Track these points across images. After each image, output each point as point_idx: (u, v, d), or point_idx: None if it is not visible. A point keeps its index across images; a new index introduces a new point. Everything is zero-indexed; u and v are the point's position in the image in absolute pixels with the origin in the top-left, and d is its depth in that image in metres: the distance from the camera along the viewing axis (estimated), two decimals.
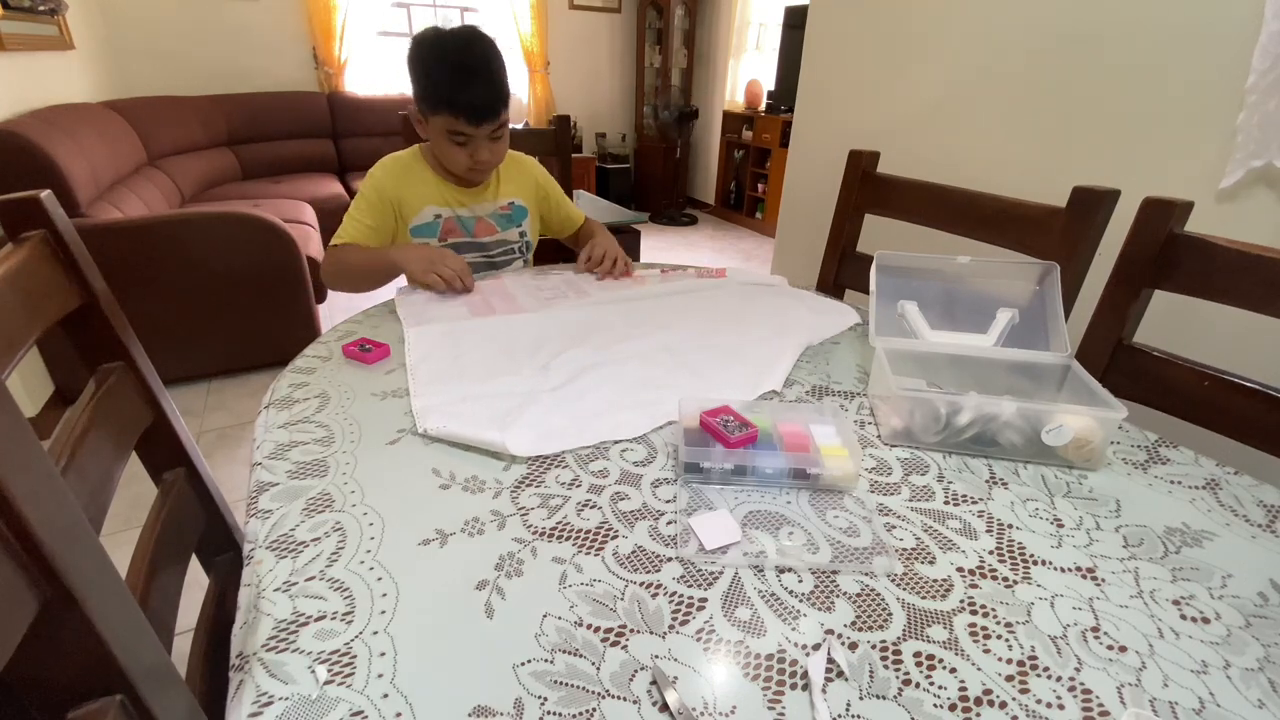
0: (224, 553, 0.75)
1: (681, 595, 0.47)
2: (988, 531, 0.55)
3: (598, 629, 0.44)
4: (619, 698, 0.39)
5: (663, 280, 1.12)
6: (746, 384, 0.78)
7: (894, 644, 0.43)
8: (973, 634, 0.44)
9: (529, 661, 0.41)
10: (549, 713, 0.38)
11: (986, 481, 0.62)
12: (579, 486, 0.58)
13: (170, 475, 0.68)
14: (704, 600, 0.46)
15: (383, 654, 0.41)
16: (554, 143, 1.44)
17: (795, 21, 3.74)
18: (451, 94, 1.01)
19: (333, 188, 3.38)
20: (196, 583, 0.64)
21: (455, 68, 1.01)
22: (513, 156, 1.24)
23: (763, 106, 4.32)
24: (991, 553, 0.52)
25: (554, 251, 1.46)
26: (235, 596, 0.47)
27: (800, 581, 0.48)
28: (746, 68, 4.57)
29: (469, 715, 0.37)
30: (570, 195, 1.51)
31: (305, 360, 0.80)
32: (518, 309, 0.97)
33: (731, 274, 1.14)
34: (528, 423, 0.66)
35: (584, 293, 1.05)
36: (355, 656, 0.41)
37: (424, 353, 0.82)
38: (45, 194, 0.54)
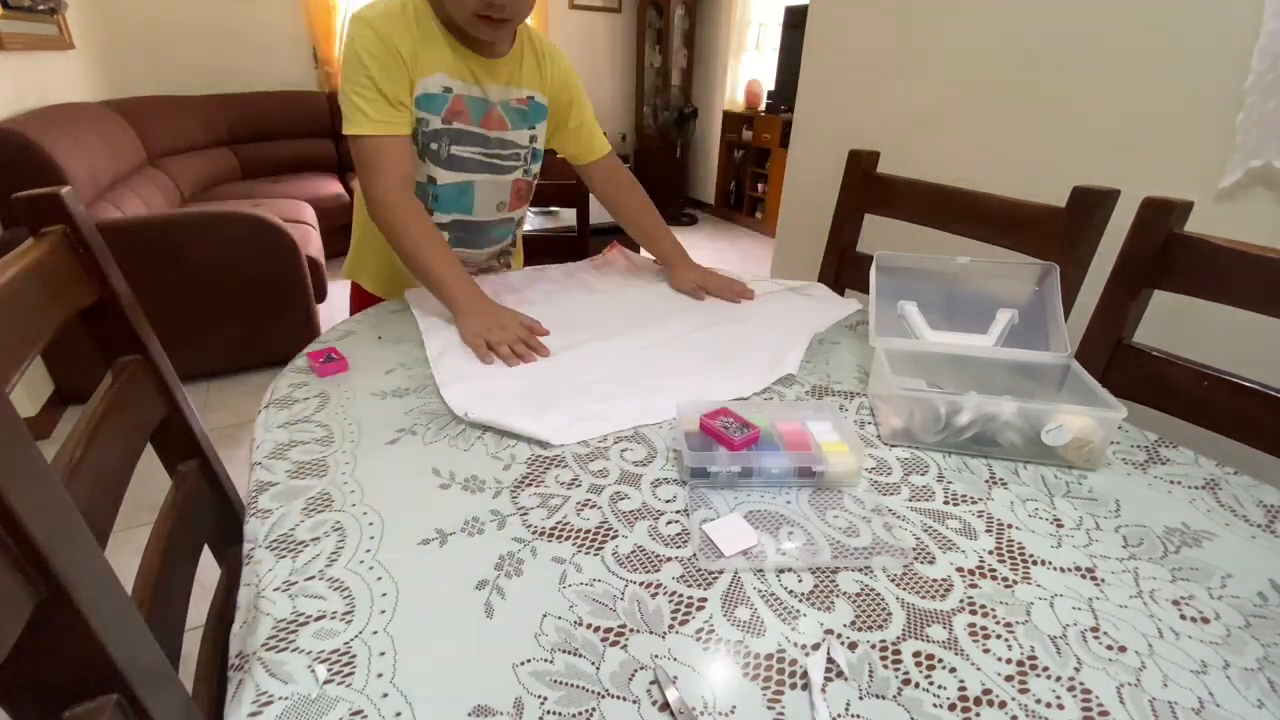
0: (235, 544, 0.75)
1: (681, 595, 0.47)
2: (987, 531, 0.55)
3: (597, 629, 0.43)
4: (619, 697, 0.39)
5: (659, 270, 1.14)
6: (764, 369, 0.79)
7: (894, 644, 0.43)
8: (972, 634, 0.44)
9: (529, 661, 0.41)
10: (549, 712, 0.38)
11: (986, 481, 0.62)
12: (579, 486, 0.58)
13: (184, 467, 0.70)
14: (704, 600, 0.46)
15: (382, 654, 0.41)
16: None
17: (795, 21, 3.74)
18: None
19: (333, 187, 3.38)
20: (207, 579, 0.64)
21: None
22: (545, 44, 1.02)
23: (763, 106, 4.32)
24: (991, 553, 0.52)
25: (544, 253, 1.44)
26: None
27: (800, 581, 0.48)
28: (746, 68, 4.57)
29: (469, 715, 0.37)
30: (586, 200, 1.48)
31: (305, 360, 0.80)
32: (526, 301, 0.98)
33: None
34: (564, 411, 0.68)
35: (587, 286, 1.07)
36: (355, 656, 0.41)
37: (442, 346, 0.82)
38: (66, 190, 0.55)
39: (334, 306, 2.64)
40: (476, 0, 0.82)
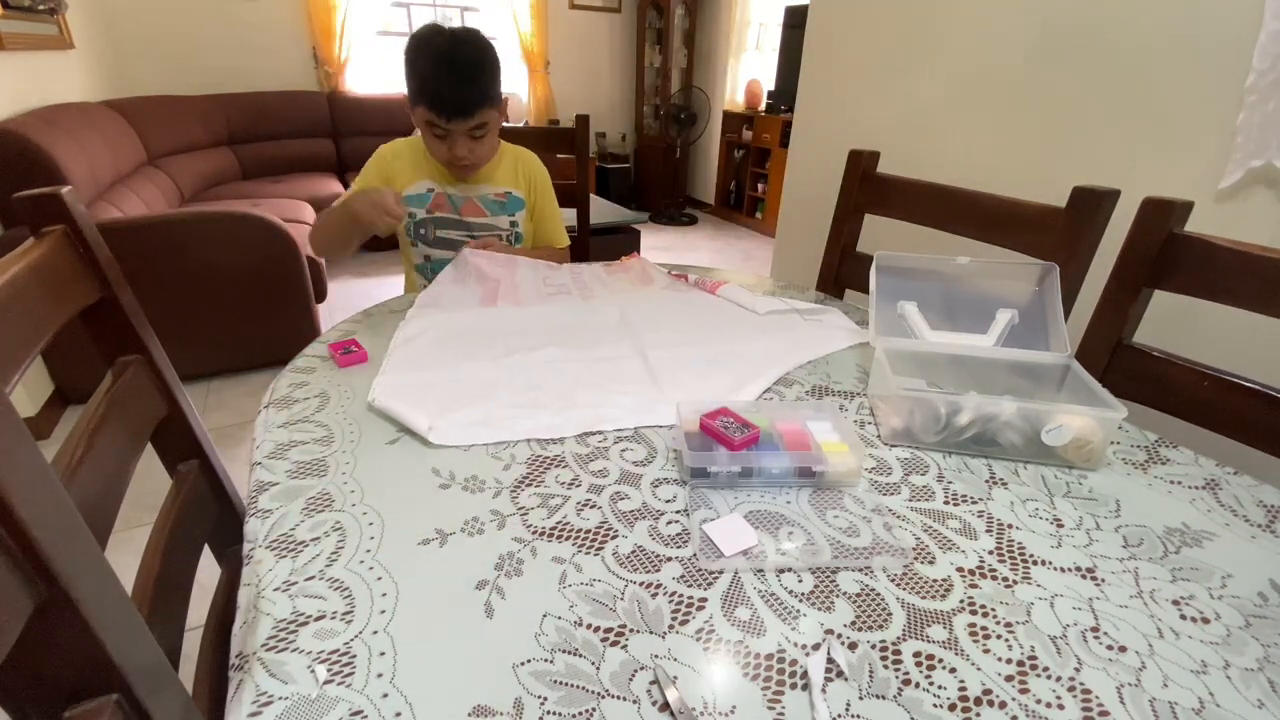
0: (236, 544, 0.76)
1: (681, 595, 0.47)
2: (988, 531, 0.55)
3: (597, 629, 0.43)
4: (619, 697, 0.39)
5: (670, 283, 1.11)
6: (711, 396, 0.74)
7: (894, 644, 0.43)
8: (972, 634, 0.44)
9: (529, 661, 0.41)
10: (549, 712, 0.38)
11: (986, 481, 0.62)
12: (579, 486, 0.58)
13: (185, 467, 0.70)
14: (704, 600, 0.46)
15: (382, 654, 0.41)
16: (573, 142, 1.44)
17: (795, 21, 3.74)
18: (427, 86, 1.02)
19: (333, 187, 3.38)
20: (207, 579, 0.64)
21: (437, 61, 1.02)
22: (519, 152, 1.26)
23: (763, 106, 4.32)
24: (991, 553, 0.52)
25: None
26: None
27: (800, 581, 0.48)
28: (746, 68, 4.57)
29: (469, 715, 0.37)
30: (586, 201, 1.50)
31: (305, 360, 0.80)
32: (518, 300, 0.99)
33: (728, 291, 1.05)
34: (468, 414, 0.68)
35: (589, 291, 1.05)
36: (355, 656, 0.41)
37: (409, 335, 0.85)
38: (67, 190, 0.56)
39: (334, 306, 2.64)
40: (445, 155, 1.10)
